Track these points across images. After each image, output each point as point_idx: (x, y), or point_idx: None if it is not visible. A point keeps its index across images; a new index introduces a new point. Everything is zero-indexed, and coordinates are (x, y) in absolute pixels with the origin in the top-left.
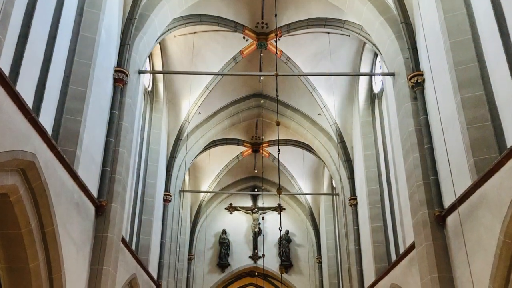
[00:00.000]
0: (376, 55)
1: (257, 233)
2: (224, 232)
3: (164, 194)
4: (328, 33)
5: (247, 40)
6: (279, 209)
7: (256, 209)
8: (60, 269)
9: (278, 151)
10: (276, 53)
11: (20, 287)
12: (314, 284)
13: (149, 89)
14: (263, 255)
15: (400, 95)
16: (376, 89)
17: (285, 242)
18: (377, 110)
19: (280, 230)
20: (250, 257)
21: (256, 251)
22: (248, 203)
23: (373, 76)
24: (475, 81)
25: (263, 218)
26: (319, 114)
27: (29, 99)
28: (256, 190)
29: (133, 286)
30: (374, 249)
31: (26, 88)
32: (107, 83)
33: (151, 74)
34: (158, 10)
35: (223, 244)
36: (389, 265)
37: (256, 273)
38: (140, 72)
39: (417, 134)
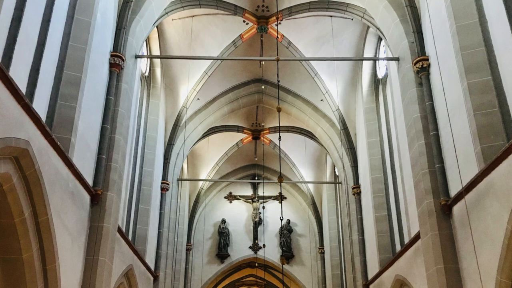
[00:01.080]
0: (380, 39)
1: (257, 223)
2: (223, 221)
3: (162, 183)
4: (331, 16)
5: (247, 23)
6: (280, 198)
7: (256, 198)
8: (55, 260)
9: (279, 138)
10: (277, 37)
11: (13, 278)
12: (316, 275)
13: (146, 74)
14: (264, 245)
15: (405, 81)
16: (380, 74)
17: (286, 232)
18: (381, 96)
19: (281, 220)
20: (250, 247)
21: (256, 241)
22: (248, 191)
23: (377, 61)
24: (482, 66)
25: (263, 207)
26: (322, 100)
27: (22, 85)
28: (256, 178)
29: (130, 277)
30: (378, 239)
31: (19, 73)
32: (103, 68)
33: (148, 59)
34: None
35: (223, 234)
36: (394, 256)
37: (256, 264)
38: (137, 56)
39: (423, 120)
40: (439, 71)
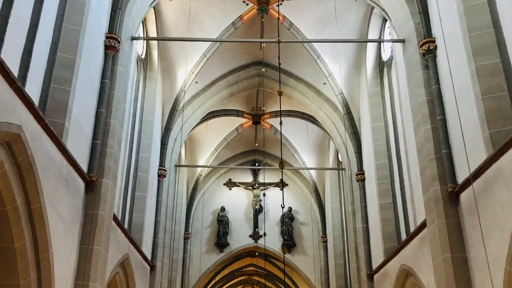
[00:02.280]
0: (385, 20)
1: (258, 211)
2: (222, 209)
3: (159, 169)
4: None
5: (247, 4)
6: (282, 185)
7: (257, 185)
8: (48, 249)
9: (281, 123)
10: (278, 18)
11: (4, 268)
12: (318, 265)
13: (143, 56)
14: (265, 234)
15: (411, 63)
16: (385, 57)
17: (287, 220)
18: (386, 79)
19: (283, 207)
20: (250, 236)
21: (257, 229)
22: (249, 178)
23: (381, 43)
24: (490, 48)
25: (264, 195)
26: (324, 83)
27: (14, 68)
28: (257, 164)
29: (126, 267)
30: (382, 227)
31: (11, 55)
32: (98, 51)
33: (145, 41)
34: None
35: (222, 222)
36: (399, 245)
37: (256, 253)
38: (133, 38)
39: (429, 104)
40: (446, 53)
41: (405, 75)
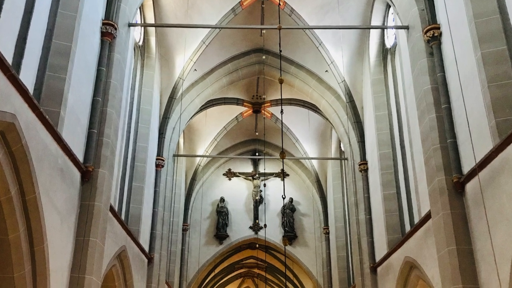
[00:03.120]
0: (388, 6)
1: (258, 202)
2: (222, 200)
3: (157, 159)
4: None
5: None
6: (283, 175)
7: (257, 175)
8: (43, 241)
9: (281, 111)
10: (279, 4)
11: None
12: (320, 257)
13: (140, 43)
14: (265, 225)
15: (415, 50)
16: (389, 44)
17: (288, 211)
18: (389, 67)
19: (284, 198)
20: (250, 227)
21: (257, 221)
22: (249, 168)
23: (385, 30)
24: (496, 34)
25: (264, 185)
26: (326, 71)
27: (8, 55)
28: (257, 154)
29: (123, 259)
30: (386, 219)
31: (5, 42)
32: (94, 37)
33: (142, 27)
34: None
35: (221, 214)
36: (403, 237)
37: (257, 245)
38: (130, 25)
39: (434, 93)
40: (451, 40)
41: (409, 63)
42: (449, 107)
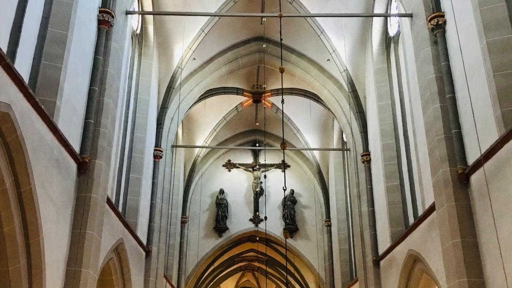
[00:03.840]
0: None
1: (258, 193)
2: (221, 192)
3: (155, 150)
4: None
5: None
6: (283, 166)
7: (257, 166)
8: (38, 234)
9: (282, 101)
10: None
11: None
12: (322, 250)
13: (138, 32)
14: (265, 217)
15: (419, 39)
16: (392, 32)
17: (289, 203)
18: (392, 56)
19: (284, 190)
20: (250, 220)
21: (257, 213)
22: (249, 159)
23: (388, 18)
24: (502, 23)
25: (265, 177)
26: (328, 60)
27: (3, 43)
28: (257, 145)
29: (120, 252)
30: (389, 211)
31: None
32: (91, 25)
33: (140, 15)
34: None
35: (221, 206)
36: (406, 229)
37: (257, 238)
38: (127, 13)
39: (438, 82)
40: (456, 28)
41: (412, 51)
42: (453, 96)
